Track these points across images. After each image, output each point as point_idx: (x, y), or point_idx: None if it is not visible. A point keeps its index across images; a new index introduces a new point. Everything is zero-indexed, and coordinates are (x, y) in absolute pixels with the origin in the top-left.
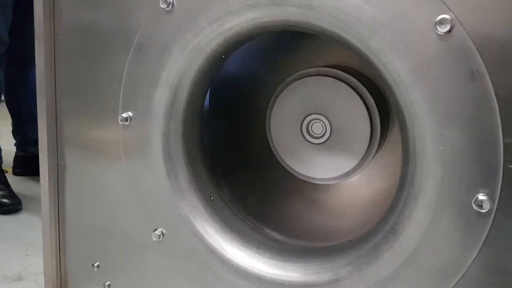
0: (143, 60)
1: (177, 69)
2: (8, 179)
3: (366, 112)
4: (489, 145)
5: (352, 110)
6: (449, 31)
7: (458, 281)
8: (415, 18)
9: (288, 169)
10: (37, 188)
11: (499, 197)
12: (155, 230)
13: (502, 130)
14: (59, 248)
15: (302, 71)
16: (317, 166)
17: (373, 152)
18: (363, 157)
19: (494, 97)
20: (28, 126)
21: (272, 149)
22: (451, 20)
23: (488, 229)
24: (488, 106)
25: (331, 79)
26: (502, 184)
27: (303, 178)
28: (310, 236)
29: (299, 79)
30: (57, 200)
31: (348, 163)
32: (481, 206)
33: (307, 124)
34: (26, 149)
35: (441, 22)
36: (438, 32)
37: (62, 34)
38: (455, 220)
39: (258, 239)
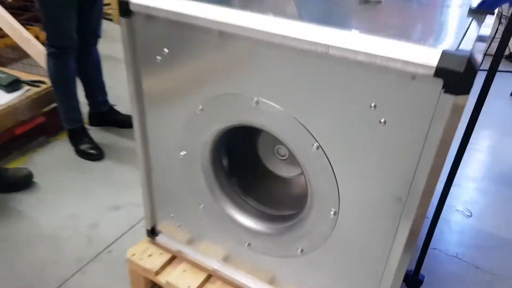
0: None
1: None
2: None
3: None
4: None
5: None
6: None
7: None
8: None
9: (269, 168)
10: (110, 138)
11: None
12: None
13: None
14: (151, 189)
15: None
16: (282, 170)
17: None
18: None
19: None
20: (96, 90)
21: (261, 159)
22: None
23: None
24: None
25: None
26: None
27: (276, 174)
28: (272, 206)
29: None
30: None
31: (296, 170)
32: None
33: (276, 149)
34: (97, 107)
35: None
36: None
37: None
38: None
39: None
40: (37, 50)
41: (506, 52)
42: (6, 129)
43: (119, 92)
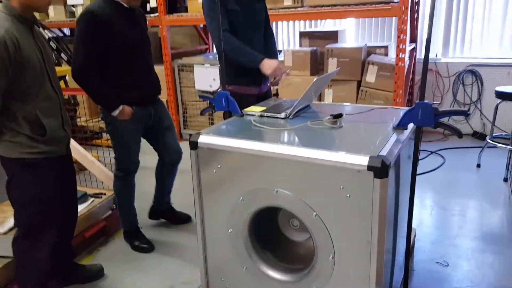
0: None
1: (252, 213)
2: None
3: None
4: None
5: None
6: None
7: None
8: None
9: (287, 236)
10: (161, 234)
11: None
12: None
13: None
14: (206, 260)
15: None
16: (296, 236)
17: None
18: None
19: None
20: (165, 193)
21: (281, 230)
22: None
23: None
24: None
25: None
26: None
27: (292, 239)
28: (289, 262)
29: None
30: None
31: (305, 235)
32: None
33: (291, 221)
34: (160, 205)
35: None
36: None
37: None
38: None
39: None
40: (99, 170)
41: (471, 131)
42: (78, 234)
43: (175, 193)
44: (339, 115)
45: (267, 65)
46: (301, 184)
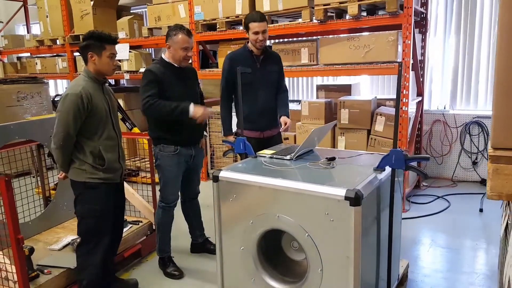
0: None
1: (259, 233)
2: (186, 257)
3: None
4: None
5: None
6: None
7: None
8: None
9: (288, 256)
10: (193, 263)
11: None
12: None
13: None
14: (223, 275)
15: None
16: (295, 255)
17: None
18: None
19: None
20: (196, 228)
21: (284, 250)
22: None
23: None
24: None
25: None
26: None
27: (292, 258)
28: (288, 276)
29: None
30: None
31: (302, 255)
32: None
33: (292, 243)
34: (196, 239)
35: None
36: None
37: None
38: None
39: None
40: (138, 201)
41: (479, 179)
42: (118, 253)
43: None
44: (333, 158)
45: (195, 110)
46: (297, 210)
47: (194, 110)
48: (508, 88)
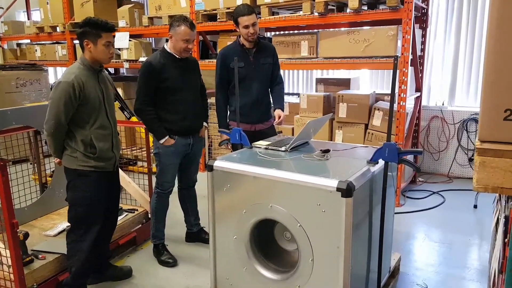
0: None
1: (252, 223)
2: (180, 245)
3: None
4: None
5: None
6: None
7: None
8: None
9: (280, 246)
10: (187, 251)
11: None
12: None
13: None
14: (215, 262)
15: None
16: (288, 245)
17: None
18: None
19: None
20: (192, 216)
21: (276, 240)
22: None
23: None
24: None
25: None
26: None
27: (284, 248)
28: (280, 266)
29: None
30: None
31: (294, 245)
32: None
33: (284, 233)
34: (191, 228)
35: None
36: None
37: None
38: None
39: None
40: (134, 190)
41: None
42: (113, 241)
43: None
44: (327, 151)
45: (163, 143)
46: (290, 201)
47: (163, 143)
48: (495, 81)
